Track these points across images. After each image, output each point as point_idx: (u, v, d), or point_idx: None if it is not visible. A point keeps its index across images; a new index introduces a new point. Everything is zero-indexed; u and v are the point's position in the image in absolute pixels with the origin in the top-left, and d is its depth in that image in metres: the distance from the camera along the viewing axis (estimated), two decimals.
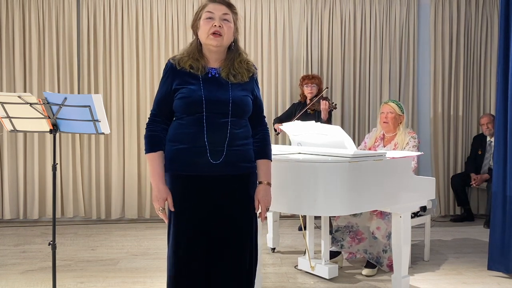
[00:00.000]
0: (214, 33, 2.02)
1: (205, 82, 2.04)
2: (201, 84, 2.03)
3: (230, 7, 2.09)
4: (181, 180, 2.04)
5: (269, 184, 2.13)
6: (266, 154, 2.15)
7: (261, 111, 2.20)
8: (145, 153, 2.07)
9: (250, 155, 2.11)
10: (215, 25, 2.02)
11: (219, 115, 2.01)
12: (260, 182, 2.12)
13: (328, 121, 4.65)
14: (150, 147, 2.05)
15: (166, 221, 2.08)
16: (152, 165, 2.04)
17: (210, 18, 2.04)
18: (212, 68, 2.09)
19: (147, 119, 2.13)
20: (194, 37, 2.13)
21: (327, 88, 5.16)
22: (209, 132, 1.99)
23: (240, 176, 2.06)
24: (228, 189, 2.04)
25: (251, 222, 2.10)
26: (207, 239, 2.03)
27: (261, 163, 2.13)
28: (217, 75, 2.07)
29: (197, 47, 2.10)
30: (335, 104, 4.71)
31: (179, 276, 2.03)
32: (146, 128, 2.09)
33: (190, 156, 2.00)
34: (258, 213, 2.13)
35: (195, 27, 2.11)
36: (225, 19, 2.05)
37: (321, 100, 4.64)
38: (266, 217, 2.17)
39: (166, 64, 2.11)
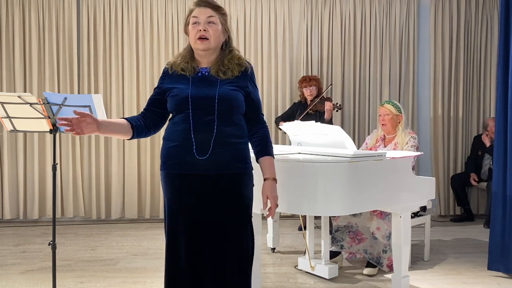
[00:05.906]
0: (200, 38, 2.06)
1: (194, 82, 2.08)
2: (190, 83, 2.08)
3: (216, 9, 2.11)
4: (173, 177, 2.08)
5: (275, 180, 2.12)
6: (267, 151, 2.14)
7: (258, 109, 2.19)
8: None
9: (244, 155, 2.10)
10: (200, 30, 2.05)
11: (205, 112, 2.03)
12: (265, 179, 2.11)
13: (330, 121, 4.65)
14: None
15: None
16: None
17: (195, 23, 2.08)
18: (202, 68, 2.13)
19: None
20: (188, 41, 2.18)
21: (331, 85, 5.15)
22: (195, 129, 2.02)
23: (231, 175, 2.05)
24: (218, 187, 2.04)
25: (241, 222, 2.07)
26: (194, 238, 2.04)
27: (263, 160, 2.13)
28: (207, 74, 2.10)
29: (189, 51, 2.16)
30: (340, 105, 4.71)
31: (170, 271, 2.09)
32: None
33: (180, 154, 2.04)
34: (267, 209, 2.11)
35: (186, 32, 2.16)
36: (210, 22, 2.07)
37: (325, 102, 4.64)
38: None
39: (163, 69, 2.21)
